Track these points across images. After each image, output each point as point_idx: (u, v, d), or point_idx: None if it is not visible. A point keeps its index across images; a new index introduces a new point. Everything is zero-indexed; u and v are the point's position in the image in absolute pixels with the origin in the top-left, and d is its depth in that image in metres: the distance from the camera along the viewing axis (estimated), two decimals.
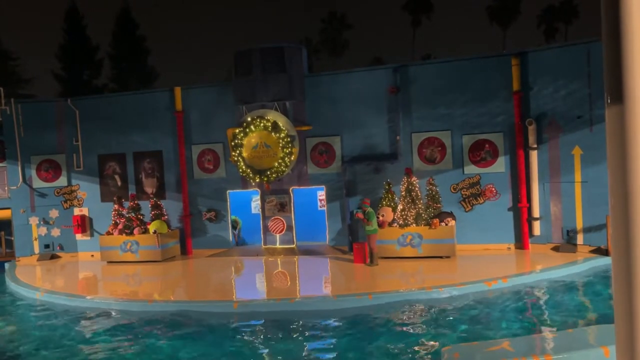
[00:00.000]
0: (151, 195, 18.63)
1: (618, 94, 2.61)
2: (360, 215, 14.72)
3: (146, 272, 16.28)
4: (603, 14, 2.65)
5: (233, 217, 18.83)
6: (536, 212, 15.51)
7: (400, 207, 15.42)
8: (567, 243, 15.15)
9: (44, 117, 19.46)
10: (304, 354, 8.96)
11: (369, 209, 14.54)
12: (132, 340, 10.12)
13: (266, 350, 9.28)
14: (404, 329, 9.87)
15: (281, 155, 16.59)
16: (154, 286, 14.78)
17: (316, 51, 58.46)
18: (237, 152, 17.00)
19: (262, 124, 16.66)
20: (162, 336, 10.25)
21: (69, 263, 18.76)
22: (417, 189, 15.35)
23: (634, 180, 2.59)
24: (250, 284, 14.80)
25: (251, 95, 17.19)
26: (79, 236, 19.60)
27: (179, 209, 18.77)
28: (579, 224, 15.07)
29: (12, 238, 19.85)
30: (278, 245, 17.88)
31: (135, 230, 17.65)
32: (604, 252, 14.08)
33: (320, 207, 18.93)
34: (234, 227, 18.87)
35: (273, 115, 16.79)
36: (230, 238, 18.64)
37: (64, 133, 19.56)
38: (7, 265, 18.84)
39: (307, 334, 10.06)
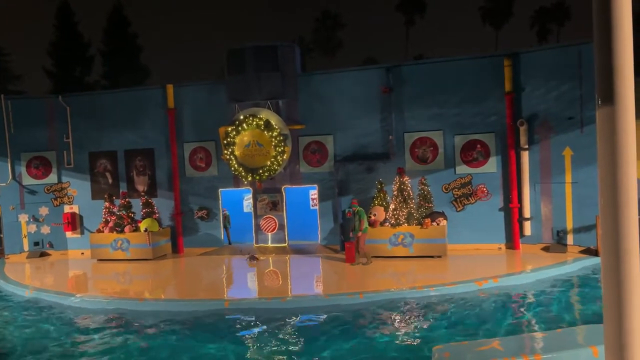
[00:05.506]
0: (142, 193, 18.54)
1: (609, 95, 2.63)
2: (350, 214, 14.74)
3: (137, 270, 16.20)
4: (595, 16, 2.67)
5: (227, 212, 18.74)
6: (527, 213, 15.61)
7: (392, 206, 15.45)
8: (557, 243, 15.26)
9: (34, 114, 19.32)
10: (295, 352, 8.96)
11: (359, 208, 14.55)
12: (121, 339, 10.06)
13: (257, 349, 9.27)
14: (395, 328, 9.90)
15: (273, 153, 16.57)
16: (144, 284, 14.71)
17: (309, 50, 58.41)
18: (230, 150, 16.96)
19: (254, 123, 16.63)
20: (152, 334, 10.20)
21: (59, 261, 18.64)
22: (409, 188, 15.39)
23: (624, 182, 2.61)
24: (242, 282, 14.77)
25: (244, 94, 17.16)
26: (69, 234, 19.49)
27: (171, 207, 18.70)
28: (569, 225, 15.19)
29: (1, 235, 19.69)
30: (270, 244, 17.87)
31: (126, 228, 17.57)
32: (594, 253, 14.20)
33: (313, 206, 18.93)
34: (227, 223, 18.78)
35: (266, 114, 16.77)
36: (223, 236, 18.62)
37: (54, 130, 19.42)
38: None
39: (298, 332, 10.05)
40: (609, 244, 2.67)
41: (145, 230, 17.42)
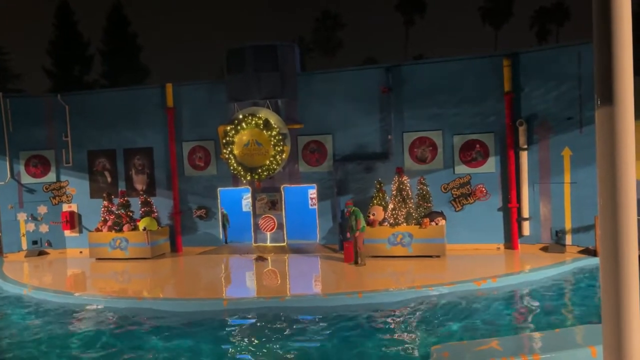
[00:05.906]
0: (141, 192, 18.53)
1: (608, 96, 2.63)
2: (348, 213, 14.73)
3: (135, 269, 16.18)
4: (594, 17, 2.66)
5: (225, 211, 18.78)
6: (526, 213, 15.61)
7: (391, 206, 15.45)
8: (556, 243, 15.27)
9: (33, 113, 19.29)
10: (293, 352, 8.96)
11: (354, 208, 14.52)
12: (119, 338, 10.05)
13: (256, 348, 9.26)
14: (394, 327, 9.90)
15: (272, 153, 16.55)
16: (143, 283, 14.70)
17: (309, 50, 58.40)
18: (229, 149, 16.94)
19: (253, 122, 16.61)
20: (150, 334, 10.19)
21: (57, 259, 18.61)
22: (408, 188, 15.39)
23: (623, 182, 2.61)
24: (241, 281, 14.77)
25: (243, 93, 17.15)
26: (67, 232, 19.46)
27: (169, 206, 18.69)
28: (568, 225, 15.20)
29: (0, 234, 19.66)
30: (269, 244, 17.86)
31: (125, 227, 17.55)
32: (592, 253, 14.20)
33: (311, 205, 18.93)
34: (226, 222, 18.82)
35: (265, 113, 16.74)
36: (221, 236, 18.62)
37: (53, 129, 19.40)
38: None
39: (296, 332, 10.04)
40: (607, 245, 2.67)
41: (144, 229, 17.40)
